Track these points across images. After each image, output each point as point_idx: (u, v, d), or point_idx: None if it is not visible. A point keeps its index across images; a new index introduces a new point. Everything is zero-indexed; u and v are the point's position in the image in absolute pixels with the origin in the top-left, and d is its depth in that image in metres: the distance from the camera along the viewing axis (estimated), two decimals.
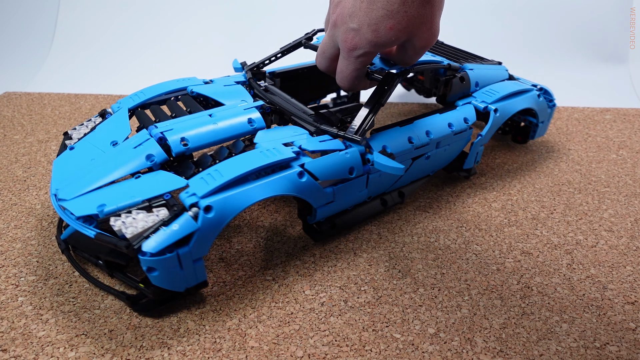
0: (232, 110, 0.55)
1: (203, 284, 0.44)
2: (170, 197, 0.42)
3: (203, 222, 0.40)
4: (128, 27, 1.24)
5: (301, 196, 0.47)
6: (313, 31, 0.71)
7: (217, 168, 0.44)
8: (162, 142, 0.49)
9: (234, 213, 0.42)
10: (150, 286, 0.43)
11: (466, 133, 0.63)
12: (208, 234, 0.41)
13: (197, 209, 0.41)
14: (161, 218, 0.40)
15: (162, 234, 0.39)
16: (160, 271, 0.39)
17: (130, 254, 0.39)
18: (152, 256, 0.38)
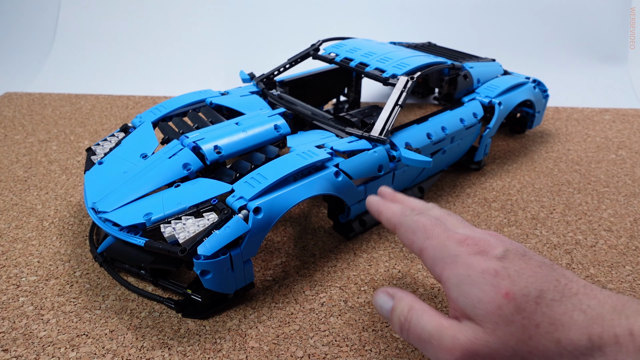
0: (257, 118, 0.57)
1: (250, 285, 0.46)
2: (217, 202, 0.43)
3: (253, 223, 0.42)
4: (129, 28, 1.24)
5: (338, 195, 0.49)
6: (319, 42, 0.73)
7: (259, 172, 0.46)
8: (195, 151, 0.51)
9: (280, 214, 0.44)
10: (201, 290, 0.44)
11: (476, 127, 0.67)
12: (258, 235, 0.43)
13: (247, 211, 0.42)
14: (212, 222, 0.41)
15: (216, 236, 0.40)
16: (213, 274, 0.41)
17: (185, 258, 0.39)
18: (206, 259, 0.40)
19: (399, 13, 1.26)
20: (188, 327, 0.43)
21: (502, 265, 0.29)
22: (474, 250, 0.31)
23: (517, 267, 0.29)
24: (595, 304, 0.27)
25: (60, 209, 0.60)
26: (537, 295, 0.27)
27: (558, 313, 0.27)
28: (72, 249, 0.53)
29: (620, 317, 0.26)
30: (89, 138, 0.80)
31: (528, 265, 0.29)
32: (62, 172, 0.69)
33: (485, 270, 0.29)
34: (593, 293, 0.28)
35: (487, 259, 0.30)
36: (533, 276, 0.28)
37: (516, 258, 0.30)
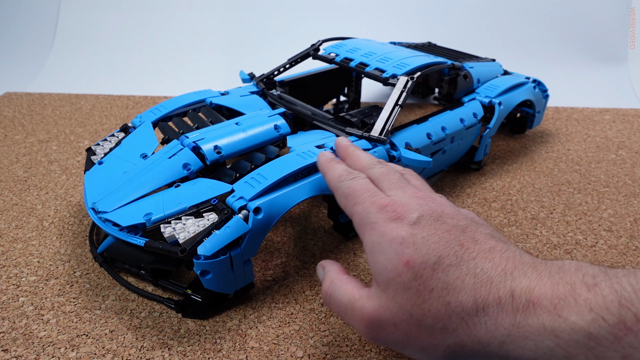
0: (257, 118, 0.57)
1: (250, 285, 0.46)
2: (217, 202, 0.43)
3: (253, 223, 0.42)
4: (129, 28, 1.24)
5: None
6: (319, 42, 0.73)
7: (259, 172, 0.46)
8: (195, 151, 0.51)
9: (280, 214, 0.44)
10: (201, 290, 0.44)
11: (476, 127, 0.66)
12: (258, 235, 0.43)
13: (247, 211, 0.42)
14: (212, 222, 0.41)
15: (216, 237, 0.40)
16: (213, 274, 0.41)
17: (185, 258, 0.39)
18: (206, 259, 0.40)
19: (399, 13, 1.26)
20: (188, 327, 0.43)
21: (411, 232, 0.31)
22: (391, 216, 0.32)
23: (426, 233, 0.31)
24: (488, 267, 0.29)
25: (60, 209, 0.60)
26: (435, 262, 0.29)
27: (452, 278, 0.29)
28: (72, 249, 0.53)
29: (507, 279, 0.28)
30: (89, 138, 0.80)
31: (437, 230, 0.31)
32: (62, 172, 0.69)
33: (394, 238, 0.31)
34: (491, 256, 0.30)
35: (399, 226, 0.31)
36: (437, 242, 0.30)
37: (428, 224, 0.31)
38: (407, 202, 0.33)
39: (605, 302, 0.24)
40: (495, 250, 0.30)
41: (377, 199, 0.34)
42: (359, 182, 0.37)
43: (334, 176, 0.39)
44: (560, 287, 0.26)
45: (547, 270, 0.28)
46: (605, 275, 0.26)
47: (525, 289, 0.27)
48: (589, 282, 0.26)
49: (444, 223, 0.32)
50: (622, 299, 0.24)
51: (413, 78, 0.59)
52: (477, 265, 0.29)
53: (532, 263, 0.30)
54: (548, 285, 0.27)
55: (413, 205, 0.33)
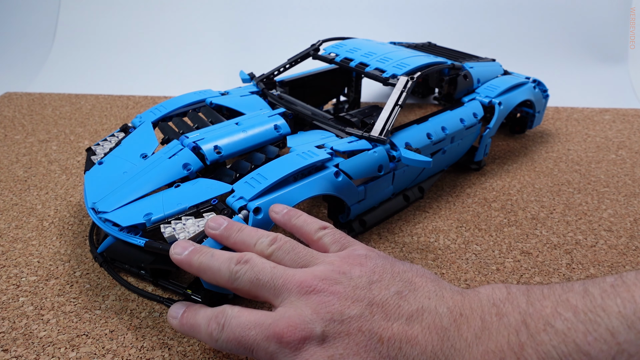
0: (257, 118, 0.57)
1: None
2: (217, 202, 0.43)
3: (253, 223, 0.42)
4: (129, 28, 1.24)
5: (338, 195, 0.49)
6: (319, 42, 0.73)
7: (259, 172, 0.46)
8: (195, 151, 0.51)
9: None
10: (201, 290, 0.44)
11: (476, 127, 0.66)
12: None
13: (247, 211, 0.42)
14: None
15: None
16: None
17: None
18: None
19: (399, 13, 1.26)
20: None
21: (327, 356, 0.28)
22: (295, 346, 0.28)
23: (341, 348, 0.28)
24: (418, 354, 0.28)
25: (60, 209, 0.60)
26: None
27: None
28: (72, 249, 0.53)
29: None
30: (89, 138, 0.80)
31: (349, 336, 0.29)
32: (62, 172, 0.69)
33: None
34: (413, 335, 0.28)
35: (311, 354, 0.28)
36: (357, 352, 0.28)
37: (336, 333, 0.29)
38: (299, 314, 0.30)
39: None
40: (414, 323, 0.29)
41: (267, 330, 0.30)
42: (233, 326, 0.31)
43: (205, 335, 0.33)
44: (491, 359, 0.26)
45: (471, 331, 0.28)
46: (527, 331, 0.26)
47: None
48: (515, 348, 0.26)
49: (350, 320, 0.29)
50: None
51: (413, 78, 0.59)
52: (406, 357, 0.28)
53: (453, 324, 0.28)
54: (479, 358, 0.26)
55: (308, 315, 0.29)
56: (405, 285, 0.31)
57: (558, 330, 0.25)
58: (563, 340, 0.24)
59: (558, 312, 0.26)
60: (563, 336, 0.25)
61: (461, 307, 0.29)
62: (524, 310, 0.27)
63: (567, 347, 0.24)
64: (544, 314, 0.26)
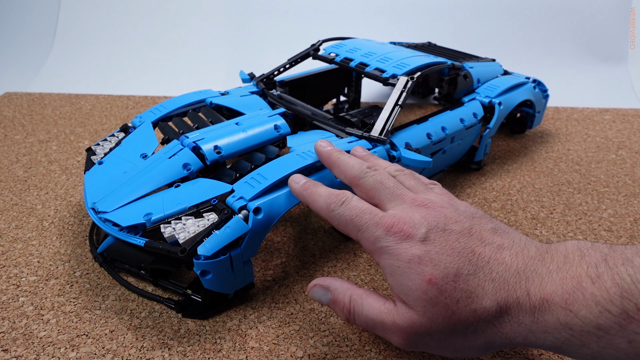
0: (257, 118, 0.57)
1: (250, 285, 0.46)
2: (217, 202, 0.43)
3: (253, 223, 0.42)
4: (129, 28, 1.24)
5: None
6: (319, 42, 0.73)
7: (259, 172, 0.46)
8: (195, 151, 0.51)
9: (280, 214, 0.44)
10: (201, 290, 0.44)
11: (476, 127, 0.66)
12: (258, 235, 0.43)
13: (247, 211, 0.42)
14: (212, 222, 0.41)
15: (216, 237, 0.40)
16: (213, 274, 0.41)
17: (185, 258, 0.39)
18: (206, 259, 0.40)
19: (399, 13, 1.26)
20: (188, 327, 0.43)
21: (425, 250, 0.32)
22: (400, 237, 0.33)
23: (438, 247, 0.32)
24: (502, 270, 0.31)
25: (60, 209, 0.60)
26: (455, 274, 0.31)
27: (473, 286, 0.31)
28: (72, 249, 0.53)
29: (521, 280, 0.31)
30: (89, 138, 0.80)
31: (447, 242, 0.33)
32: (62, 172, 0.69)
33: (410, 259, 0.32)
34: (502, 257, 0.32)
35: (411, 245, 0.33)
36: (451, 254, 0.32)
37: (437, 236, 0.33)
38: (410, 216, 0.34)
39: (609, 295, 0.27)
40: (504, 249, 0.33)
41: (379, 219, 0.34)
42: (351, 205, 0.36)
43: (322, 206, 0.38)
44: (568, 282, 0.29)
45: (554, 264, 0.31)
46: (606, 265, 0.29)
47: (538, 288, 0.30)
48: (592, 275, 0.29)
49: (451, 232, 0.33)
50: (624, 290, 0.27)
51: (413, 78, 0.59)
52: (492, 269, 0.31)
53: (539, 256, 0.32)
54: (557, 281, 0.30)
55: (417, 219, 0.34)
56: (500, 227, 0.35)
57: (635, 265, 0.28)
58: (639, 271, 0.27)
59: (637, 253, 0.29)
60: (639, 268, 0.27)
61: (548, 247, 0.33)
62: (605, 253, 0.30)
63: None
64: (624, 254, 0.29)
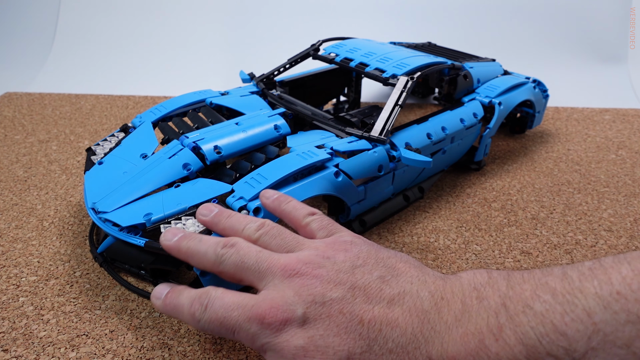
0: (257, 118, 0.57)
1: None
2: (217, 202, 0.43)
3: None
4: (129, 28, 1.24)
5: (338, 195, 0.49)
6: (319, 42, 0.73)
7: (259, 172, 0.46)
8: (195, 151, 0.51)
9: None
10: None
11: (476, 127, 0.66)
12: None
13: (247, 211, 0.42)
14: None
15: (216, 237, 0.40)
16: (213, 274, 0.40)
17: None
18: None
19: (399, 13, 1.26)
20: (188, 327, 0.43)
21: (307, 337, 0.28)
22: (276, 328, 0.29)
23: (322, 329, 0.29)
24: (397, 336, 0.28)
25: (60, 209, 0.60)
26: (347, 358, 0.28)
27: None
28: (72, 249, 0.53)
29: (420, 345, 0.28)
30: (89, 138, 0.80)
31: (330, 318, 0.29)
32: (62, 172, 0.69)
33: (295, 354, 0.28)
34: (394, 318, 0.29)
35: (291, 334, 0.29)
36: (337, 333, 0.28)
37: (317, 314, 0.29)
38: (281, 296, 0.30)
39: (514, 355, 0.25)
40: (395, 305, 0.29)
41: (249, 312, 0.30)
42: (217, 307, 0.31)
43: (188, 319, 0.33)
44: (470, 340, 0.27)
45: (451, 314, 0.28)
46: (506, 314, 0.26)
47: (439, 351, 0.27)
48: (494, 329, 0.26)
49: (332, 302, 0.29)
50: (528, 348, 0.25)
51: (413, 78, 0.59)
52: (386, 339, 0.28)
53: (434, 306, 0.29)
54: (458, 340, 0.27)
55: (290, 298, 0.30)
56: (388, 271, 0.31)
57: (536, 311, 0.25)
58: (541, 322, 0.25)
59: (537, 294, 0.26)
60: (541, 317, 0.25)
61: (442, 291, 0.30)
62: (503, 293, 0.27)
63: (544, 328, 0.25)
64: (523, 297, 0.27)
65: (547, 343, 0.24)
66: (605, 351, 0.23)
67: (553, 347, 0.24)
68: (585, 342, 0.24)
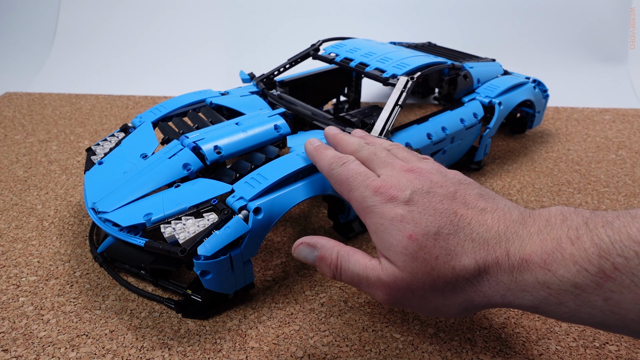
0: (257, 118, 0.57)
1: (250, 285, 0.46)
2: (217, 202, 0.43)
3: (253, 223, 0.42)
4: (129, 28, 1.24)
5: (338, 195, 0.49)
6: (319, 42, 0.73)
7: (259, 172, 0.46)
8: (195, 151, 0.51)
9: (280, 214, 0.44)
10: (200, 291, 0.44)
11: (476, 127, 0.67)
12: (258, 236, 0.43)
13: (247, 211, 0.42)
14: (212, 222, 0.41)
15: (216, 237, 0.40)
16: (213, 274, 0.41)
17: (185, 258, 0.39)
18: (206, 259, 0.40)
19: (399, 13, 1.26)
20: (188, 327, 0.43)
21: (408, 209, 0.34)
22: (385, 198, 0.35)
23: (421, 208, 0.34)
24: (483, 231, 0.32)
25: (60, 209, 0.60)
26: (436, 232, 0.32)
27: (452, 245, 0.32)
28: (72, 249, 0.53)
29: (501, 241, 0.31)
30: (89, 138, 0.80)
31: (430, 203, 0.34)
32: (62, 172, 0.69)
33: (394, 217, 0.34)
34: (484, 219, 0.33)
35: (396, 205, 0.34)
36: (433, 214, 0.33)
37: (421, 198, 0.34)
38: (397, 180, 0.36)
39: (587, 255, 0.28)
40: (487, 212, 0.33)
41: (369, 182, 0.36)
42: (349, 167, 0.39)
43: (325, 165, 0.41)
44: (548, 243, 0.30)
45: (535, 226, 0.31)
46: (586, 228, 0.29)
47: (518, 249, 0.30)
48: (572, 237, 0.29)
49: (435, 194, 0.34)
50: (601, 250, 0.27)
51: (413, 78, 0.59)
52: (472, 230, 0.32)
53: (521, 220, 0.32)
54: (537, 242, 0.30)
55: (404, 183, 0.35)
56: (488, 193, 0.36)
57: (615, 226, 0.28)
58: (617, 232, 0.27)
59: (618, 216, 0.29)
60: (618, 230, 0.28)
61: (531, 212, 0.33)
62: (587, 216, 0.30)
63: (620, 236, 0.27)
64: (606, 218, 0.29)
65: (619, 247, 0.27)
66: None
67: (625, 249, 0.27)
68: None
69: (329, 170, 0.40)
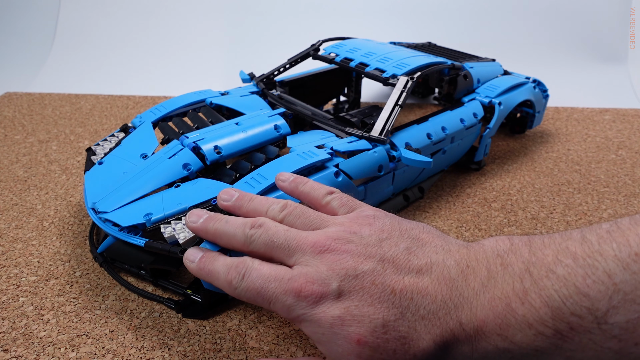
0: (257, 118, 0.57)
1: None
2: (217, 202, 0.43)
3: None
4: (129, 28, 1.24)
5: None
6: (319, 42, 0.73)
7: (259, 172, 0.46)
8: (195, 151, 0.51)
9: None
10: (200, 291, 0.44)
11: (476, 127, 0.66)
12: None
13: None
14: None
15: None
16: None
17: None
18: None
19: (399, 13, 1.26)
20: (188, 327, 0.43)
21: (343, 307, 0.30)
22: (313, 300, 0.30)
23: (356, 300, 0.30)
24: (428, 303, 0.29)
25: (60, 209, 0.60)
26: (382, 324, 0.29)
27: (404, 331, 0.29)
28: (72, 249, 0.53)
29: (450, 310, 0.29)
30: (89, 138, 0.80)
31: (363, 289, 0.30)
32: (62, 172, 0.69)
33: (332, 323, 0.29)
34: (424, 287, 0.30)
35: (328, 306, 0.30)
36: (371, 303, 0.29)
37: (351, 287, 0.30)
38: (316, 270, 0.31)
39: (540, 316, 0.27)
40: (423, 275, 0.30)
41: (286, 286, 0.31)
42: (253, 277, 0.32)
43: (223, 283, 0.34)
44: (497, 304, 0.28)
45: (477, 281, 0.29)
46: (531, 279, 0.28)
47: (469, 316, 0.29)
48: (519, 292, 0.28)
49: (364, 275, 0.30)
50: (553, 310, 0.26)
51: (413, 78, 0.59)
52: (417, 306, 0.29)
53: (461, 274, 0.30)
54: (486, 304, 0.28)
55: (324, 272, 0.31)
56: (413, 242, 0.33)
57: (559, 275, 0.27)
58: (564, 284, 0.26)
59: (559, 259, 0.27)
60: (564, 280, 0.26)
61: (467, 259, 0.31)
62: (527, 259, 0.29)
63: (568, 290, 0.26)
64: (546, 262, 0.28)
65: (570, 304, 0.26)
66: (626, 308, 0.25)
67: (576, 307, 0.26)
68: (607, 301, 0.25)
69: (232, 290, 0.33)
